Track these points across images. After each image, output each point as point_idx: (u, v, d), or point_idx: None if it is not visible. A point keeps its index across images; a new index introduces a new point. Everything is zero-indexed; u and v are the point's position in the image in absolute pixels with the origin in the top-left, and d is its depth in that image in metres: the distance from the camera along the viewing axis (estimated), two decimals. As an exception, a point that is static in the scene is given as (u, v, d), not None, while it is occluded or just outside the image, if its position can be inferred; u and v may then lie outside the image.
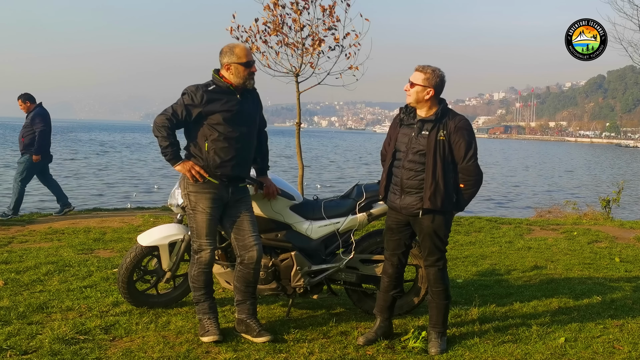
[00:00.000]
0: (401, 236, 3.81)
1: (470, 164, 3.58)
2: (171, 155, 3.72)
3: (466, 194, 3.64)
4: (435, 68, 3.62)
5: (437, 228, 3.67)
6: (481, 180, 3.67)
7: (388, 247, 3.89)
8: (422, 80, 3.59)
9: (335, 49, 7.87)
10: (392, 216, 3.83)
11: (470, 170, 3.59)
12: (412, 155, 3.63)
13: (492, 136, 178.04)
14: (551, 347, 3.80)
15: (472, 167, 3.59)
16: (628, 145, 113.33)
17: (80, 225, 7.87)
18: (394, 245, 3.85)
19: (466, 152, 3.56)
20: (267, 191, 4.10)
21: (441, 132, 3.56)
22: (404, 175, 3.67)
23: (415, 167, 3.61)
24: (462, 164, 3.58)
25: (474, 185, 3.63)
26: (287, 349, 3.66)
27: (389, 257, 3.89)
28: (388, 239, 3.88)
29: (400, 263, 3.88)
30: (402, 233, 3.80)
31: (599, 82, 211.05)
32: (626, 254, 7.09)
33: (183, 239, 4.22)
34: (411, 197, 3.65)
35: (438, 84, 3.61)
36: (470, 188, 3.63)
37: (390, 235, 3.86)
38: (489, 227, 8.69)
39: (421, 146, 3.59)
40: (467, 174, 3.60)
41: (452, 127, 3.57)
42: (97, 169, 26.95)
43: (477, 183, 3.64)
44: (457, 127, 3.57)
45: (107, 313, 4.20)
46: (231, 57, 3.72)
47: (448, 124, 3.58)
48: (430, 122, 3.60)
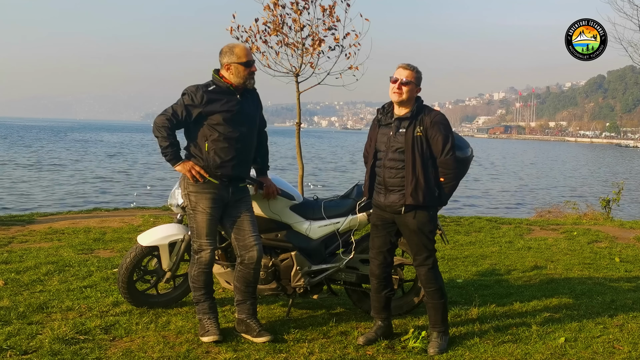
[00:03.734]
0: (386, 233, 3.83)
1: (449, 157, 3.62)
2: (171, 155, 3.72)
3: (446, 187, 3.68)
4: (416, 66, 3.70)
5: (421, 224, 3.68)
6: (461, 173, 3.73)
7: (373, 245, 3.89)
8: (414, 78, 3.65)
9: (335, 49, 7.88)
10: (377, 214, 3.85)
11: (449, 163, 3.63)
12: (391, 153, 3.67)
13: (492, 136, 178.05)
14: (551, 347, 3.80)
15: (450, 161, 3.63)
16: (628, 145, 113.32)
17: (80, 225, 7.87)
18: (379, 243, 3.86)
19: (444, 146, 3.60)
20: (267, 191, 4.10)
21: (418, 128, 3.61)
22: (385, 174, 3.70)
23: (396, 165, 3.65)
24: (441, 157, 3.62)
25: (453, 179, 3.67)
26: (287, 349, 3.66)
27: (375, 256, 3.88)
28: (373, 236, 3.89)
29: (386, 262, 3.88)
30: (387, 230, 3.82)
31: (599, 82, 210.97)
32: (626, 254, 7.09)
33: (183, 239, 4.22)
34: (395, 195, 3.68)
35: (421, 81, 3.71)
36: (450, 181, 3.67)
37: (375, 233, 3.87)
38: (489, 227, 8.69)
39: (399, 144, 3.63)
40: (446, 167, 3.64)
41: (428, 122, 3.62)
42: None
43: (457, 176, 3.69)
44: (433, 122, 3.62)
45: (107, 313, 4.20)
46: (231, 57, 3.72)
47: (424, 120, 3.63)
48: (407, 120, 3.65)
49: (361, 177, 4.43)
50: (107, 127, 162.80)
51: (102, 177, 24.14)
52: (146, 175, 25.65)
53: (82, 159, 34.96)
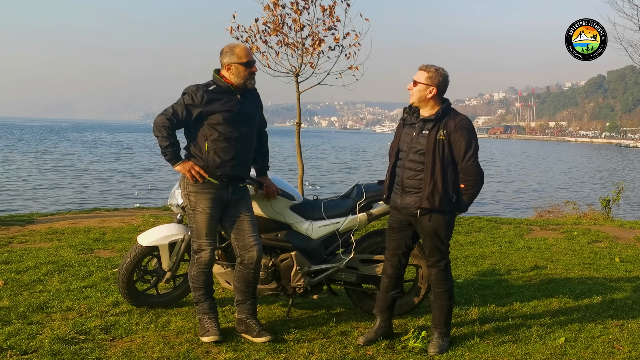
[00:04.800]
0: (402, 236, 3.81)
1: (470, 163, 3.55)
2: (171, 155, 3.71)
3: (467, 194, 3.62)
4: (439, 67, 3.61)
5: (436, 228, 3.65)
6: (482, 181, 3.64)
7: (389, 247, 3.88)
8: (425, 78, 3.58)
9: (335, 49, 7.87)
10: (394, 216, 3.83)
11: (470, 170, 3.57)
12: (412, 154, 3.62)
13: (492, 136, 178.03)
14: (551, 347, 3.80)
15: (472, 167, 3.56)
16: (628, 145, 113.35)
17: (80, 225, 7.86)
18: (394, 245, 3.85)
19: (466, 152, 3.54)
20: (267, 191, 4.10)
21: (441, 131, 3.55)
22: (404, 174, 3.66)
23: (415, 166, 3.61)
24: (462, 163, 3.56)
25: (474, 185, 3.60)
26: (287, 349, 3.66)
27: (389, 258, 3.88)
28: (389, 238, 3.88)
29: (400, 264, 3.88)
30: (403, 233, 3.80)
31: (599, 82, 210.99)
32: (626, 254, 7.09)
33: (183, 239, 4.22)
34: (411, 197, 3.64)
35: (441, 82, 3.60)
36: (471, 188, 3.60)
37: (391, 235, 3.86)
38: (489, 227, 8.69)
39: (421, 145, 3.58)
40: (467, 173, 3.58)
41: (452, 127, 3.55)
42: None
43: (478, 183, 3.61)
44: (457, 126, 3.55)
45: (107, 313, 4.20)
46: (231, 57, 3.72)
47: (448, 124, 3.56)
48: (431, 122, 3.59)
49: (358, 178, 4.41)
50: (107, 127, 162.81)
51: (102, 177, 24.14)
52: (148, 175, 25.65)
53: (82, 159, 34.95)
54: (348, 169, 34.51)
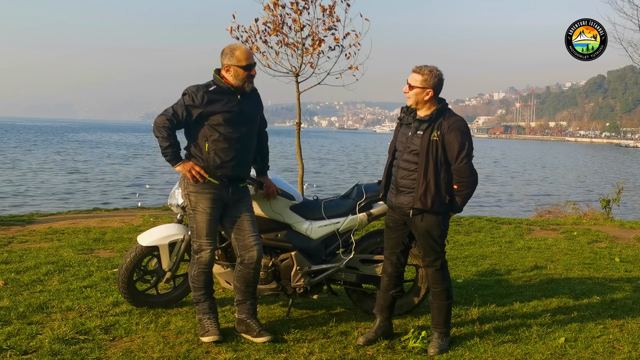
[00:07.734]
0: (399, 234, 3.82)
1: (463, 164, 3.55)
2: (171, 155, 3.72)
3: (460, 195, 3.62)
4: (433, 68, 3.60)
5: (429, 228, 3.66)
6: (476, 182, 3.63)
7: (387, 246, 3.90)
8: (420, 82, 3.58)
9: (335, 49, 7.88)
10: (390, 214, 3.85)
11: (462, 171, 3.56)
12: (406, 154, 3.64)
13: (492, 136, 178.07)
14: (551, 347, 3.80)
15: (465, 168, 3.56)
16: (628, 145, 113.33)
17: (80, 225, 7.86)
18: (392, 244, 3.86)
19: (459, 153, 3.54)
20: (267, 191, 4.10)
21: (435, 132, 3.55)
22: (398, 174, 3.68)
23: (409, 166, 3.62)
24: (455, 164, 3.56)
25: (467, 187, 3.60)
26: (287, 349, 3.66)
27: (388, 256, 3.90)
28: (387, 237, 3.90)
29: (399, 262, 3.88)
30: (399, 231, 3.81)
31: (599, 82, 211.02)
32: (626, 254, 7.09)
33: (183, 239, 4.22)
34: (405, 197, 3.66)
35: (436, 84, 3.60)
36: (464, 189, 3.60)
37: (388, 234, 3.87)
38: (489, 227, 8.69)
39: (415, 146, 3.60)
40: (460, 175, 3.58)
41: (446, 128, 3.55)
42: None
43: (471, 184, 3.61)
44: (451, 127, 3.55)
45: (107, 313, 4.20)
46: (231, 59, 3.72)
47: (443, 125, 3.56)
48: (425, 122, 3.60)
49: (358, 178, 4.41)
50: (107, 127, 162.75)
51: (103, 177, 24.14)
52: (148, 175, 25.65)
53: (82, 159, 34.94)
54: (354, 170, 34.43)
